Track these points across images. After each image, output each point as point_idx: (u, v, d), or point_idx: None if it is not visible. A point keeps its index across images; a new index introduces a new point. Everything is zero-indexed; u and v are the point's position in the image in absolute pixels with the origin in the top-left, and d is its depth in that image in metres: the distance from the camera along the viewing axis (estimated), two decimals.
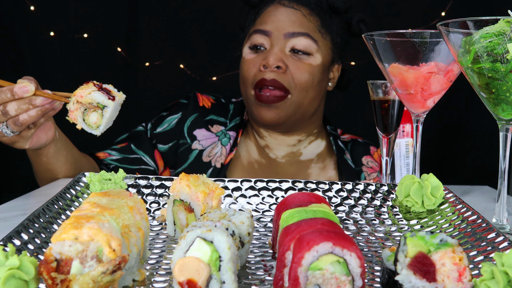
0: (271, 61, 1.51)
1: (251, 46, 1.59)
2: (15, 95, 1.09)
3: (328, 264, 0.59)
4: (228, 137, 1.67)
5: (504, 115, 0.89)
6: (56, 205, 0.86)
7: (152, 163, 1.67)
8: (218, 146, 1.66)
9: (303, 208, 0.73)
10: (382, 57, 1.06)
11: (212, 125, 1.69)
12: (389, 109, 1.18)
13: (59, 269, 0.58)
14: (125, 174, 1.02)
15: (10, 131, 1.15)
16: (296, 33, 1.55)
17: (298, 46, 1.54)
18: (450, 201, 0.95)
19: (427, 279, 0.61)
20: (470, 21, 0.84)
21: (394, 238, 0.90)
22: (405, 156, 1.28)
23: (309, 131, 1.70)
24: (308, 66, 1.55)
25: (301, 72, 1.54)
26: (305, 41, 1.55)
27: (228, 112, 1.73)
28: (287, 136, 1.67)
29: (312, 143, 1.71)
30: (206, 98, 1.74)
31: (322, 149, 1.72)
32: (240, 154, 1.70)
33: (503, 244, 0.73)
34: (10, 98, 1.10)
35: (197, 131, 1.67)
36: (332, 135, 1.73)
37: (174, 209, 0.86)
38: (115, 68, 2.51)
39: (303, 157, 1.70)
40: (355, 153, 1.71)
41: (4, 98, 1.10)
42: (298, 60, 1.55)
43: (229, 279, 0.62)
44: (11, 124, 1.13)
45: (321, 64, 1.58)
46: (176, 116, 1.70)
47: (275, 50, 1.54)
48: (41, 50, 2.49)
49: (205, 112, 1.70)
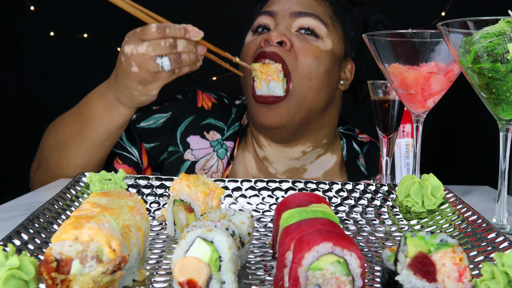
0: (273, 36, 1.32)
1: (254, 29, 1.43)
2: (186, 34, 1.15)
3: (328, 264, 0.59)
4: (225, 148, 1.46)
5: (504, 115, 0.89)
6: (56, 205, 0.86)
7: (137, 155, 1.47)
8: (213, 159, 1.46)
9: (303, 208, 0.73)
10: (382, 57, 1.06)
11: (208, 131, 1.48)
12: (389, 109, 1.18)
13: (59, 269, 0.58)
14: (125, 174, 1.02)
15: (168, 65, 1.16)
16: (303, 13, 1.37)
17: (305, 25, 1.36)
18: (450, 201, 0.95)
19: (427, 279, 0.61)
20: (470, 21, 0.84)
21: (394, 238, 0.90)
22: (405, 156, 1.28)
23: (316, 140, 1.45)
24: (316, 48, 1.35)
25: (306, 53, 1.33)
26: (314, 22, 1.36)
27: (229, 115, 1.52)
28: (290, 147, 1.44)
29: (320, 158, 1.46)
30: (206, 98, 1.54)
31: (331, 166, 1.47)
32: (236, 172, 1.49)
33: (503, 244, 0.73)
34: (182, 35, 1.14)
35: (191, 138, 1.47)
36: (346, 136, 1.50)
37: (174, 209, 0.86)
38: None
39: (307, 175, 1.46)
40: (372, 158, 1.48)
41: (177, 33, 1.14)
42: (304, 40, 1.35)
43: (229, 279, 0.62)
44: (172, 59, 1.16)
45: (330, 51, 1.38)
46: (166, 115, 1.50)
47: (280, 27, 1.36)
48: (41, 50, 2.49)
49: (203, 115, 1.49)
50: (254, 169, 1.50)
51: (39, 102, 2.53)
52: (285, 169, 1.47)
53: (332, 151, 1.49)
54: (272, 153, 1.46)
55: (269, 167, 1.48)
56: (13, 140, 2.57)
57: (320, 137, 1.45)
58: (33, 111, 2.54)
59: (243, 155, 1.51)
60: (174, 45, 1.14)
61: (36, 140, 2.59)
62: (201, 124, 1.49)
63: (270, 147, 1.46)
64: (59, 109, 2.54)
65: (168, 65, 1.16)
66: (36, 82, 2.52)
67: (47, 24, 2.46)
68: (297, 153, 1.45)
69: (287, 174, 1.48)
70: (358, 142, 1.51)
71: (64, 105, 2.54)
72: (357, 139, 1.52)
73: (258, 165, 1.49)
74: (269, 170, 1.48)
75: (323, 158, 1.48)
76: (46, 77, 2.52)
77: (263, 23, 1.41)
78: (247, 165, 1.50)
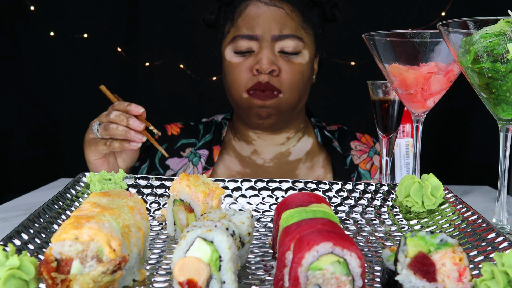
0: (265, 66, 1.48)
1: (237, 51, 1.55)
2: (126, 107, 1.24)
3: (328, 264, 0.59)
4: (198, 156, 1.62)
5: (504, 115, 0.89)
6: (56, 205, 0.86)
7: None
8: (189, 168, 1.61)
9: (303, 208, 0.73)
10: (382, 57, 1.06)
11: (184, 150, 1.65)
12: (389, 109, 1.18)
13: (59, 269, 0.58)
14: (125, 174, 1.02)
15: (96, 129, 1.26)
16: (282, 36, 1.52)
17: (287, 49, 1.52)
18: (450, 201, 0.95)
19: (427, 279, 0.61)
20: (470, 21, 0.84)
21: (394, 238, 0.90)
22: (405, 156, 1.28)
23: (296, 126, 1.68)
24: (299, 65, 1.54)
25: (293, 72, 1.53)
26: (293, 43, 1.52)
27: (198, 132, 1.69)
28: (276, 134, 1.65)
29: (300, 141, 1.69)
30: (174, 126, 1.70)
31: (310, 147, 1.69)
32: (217, 172, 1.64)
33: (503, 244, 0.73)
34: (122, 109, 1.24)
35: (169, 161, 1.63)
36: (317, 126, 1.72)
37: (174, 209, 0.86)
38: (115, 68, 2.51)
39: (291, 157, 1.67)
40: (343, 139, 1.70)
41: (120, 107, 1.25)
42: (288, 61, 1.53)
43: (229, 279, 0.62)
44: (102, 126, 1.24)
45: (309, 60, 1.57)
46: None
47: (265, 53, 1.51)
48: (41, 50, 2.49)
49: (175, 140, 1.66)
50: (237, 167, 1.66)
51: (39, 102, 2.53)
52: (273, 156, 1.67)
53: (308, 134, 1.71)
54: (261, 143, 1.66)
55: (257, 159, 1.66)
56: (13, 140, 2.57)
57: (298, 123, 1.68)
58: (33, 111, 2.54)
59: (223, 158, 1.67)
60: (108, 114, 1.25)
61: (36, 140, 2.60)
62: (175, 147, 1.65)
63: (260, 138, 1.66)
64: (59, 109, 2.56)
65: (97, 129, 1.26)
66: (36, 82, 2.52)
67: (47, 24, 2.46)
68: (282, 139, 1.67)
69: (275, 160, 1.66)
70: (328, 131, 1.73)
71: (64, 105, 2.55)
72: (327, 129, 1.74)
73: (242, 162, 1.66)
74: (256, 162, 1.66)
75: (302, 141, 1.70)
76: (46, 77, 2.52)
77: (246, 48, 1.53)
78: (229, 165, 1.66)
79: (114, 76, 2.52)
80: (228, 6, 1.60)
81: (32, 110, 2.54)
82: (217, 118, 1.75)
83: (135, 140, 1.23)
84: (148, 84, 2.53)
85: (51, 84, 2.53)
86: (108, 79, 2.51)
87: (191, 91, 2.53)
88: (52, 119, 2.57)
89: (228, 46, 1.56)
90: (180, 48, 2.48)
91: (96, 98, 2.56)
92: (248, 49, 1.53)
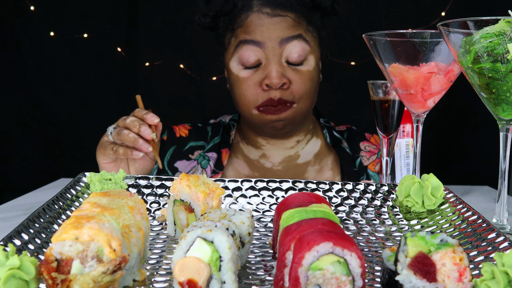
0: (275, 81, 1.44)
1: (243, 63, 1.49)
2: (143, 115, 1.22)
3: (328, 264, 0.59)
4: (207, 159, 1.61)
5: (504, 115, 0.89)
6: (56, 205, 0.86)
7: None
8: (198, 170, 1.60)
9: (304, 208, 0.73)
10: (382, 57, 1.06)
11: (193, 153, 1.64)
12: (390, 109, 1.18)
13: (60, 269, 0.58)
14: (125, 174, 1.02)
15: (110, 133, 1.26)
16: (290, 38, 1.48)
17: (292, 58, 1.47)
18: (451, 201, 0.95)
19: (427, 279, 0.61)
20: (470, 21, 0.84)
21: (395, 238, 0.90)
22: (405, 156, 1.28)
23: (306, 128, 1.65)
24: (307, 73, 1.51)
25: (303, 82, 1.50)
26: (299, 45, 1.48)
27: (207, 134, 1.67)
28: (287, 139, 1.64)
29: (309, 143, 1.67)
30: (182, 127, 1.69)
31: (318, 148, 1.67)
32: (226, 176, 1.62)
33: (503, 244, 0.73)
34: (139, 116, 1.23)
35: (178, 163, 1.62)
36: (326, 127, 1.69)
37: (175, 209, 0.86)
38: (115, 68, 2.51)
39: (300, 160, 1.65)
40: (352, 140, 1.68)
41: (138, 114, 1.24)
42: (298, 72, 1.50)
43: (229, 279, 0.62)
44: (117, 130, 1.24)
45: (315, 65, 1.55)
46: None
47: (274, 66, 1.46)
48: (41, 50, 2.49)
49: (183, 142, 1.65)
50: (246, 170, 1.65)
51: (39, 102, 2.53)
52: (281, 159, 1.65)
53: (316, 136, 1.69)
54: (270, 148, 1.65)
55: (265, 163, 1.65)
56: (13, 140, 2.57)
57: (308, 125, 1.67)
58: (33, 111, 2.55)
59: (232, 162, 1.66)
60: (125, 118, 1.25)
61: (36, 140, 2.60)
62: (184, 150, 1.64)
63: (269, 143, 1.64)
64: (59, 109, 2.56)
65: (111, 132, 1.25)
66: (36, 82, 2.52)
67: (47, 24, 2.46)
68: (292, 143, 1.65)
69: (283, 164, 1.65)
70: (337, 131, 1.71)
71: (64, 105, 2.55)
72: (336, 129, 1.72)
73: (250, 166, 1.65)
74: (265, 166, 1.64)
75: (311, 143, 1.68)
76: (46, 77, 2.52)
77: (253, 60, 1.48)
78: (237, 168, 1.65)
79: (114, 76, 2.52)
80: (227, 16, 1.55)
81: (32, 110, 2.54)
82: (224, 119, 1.72)
83: (141, 148, 1.21)
84: (148, 84, 2.53)
85: (51, 84, 2.53)
86: (108, 79, 2.51)
87: (191, 91, 2.53)
88: (52, 119, 2.57)
89: (233, 58, 1.51)
90: (180, 48, 2.48)
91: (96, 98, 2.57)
92: (255, 62, 1.48)
